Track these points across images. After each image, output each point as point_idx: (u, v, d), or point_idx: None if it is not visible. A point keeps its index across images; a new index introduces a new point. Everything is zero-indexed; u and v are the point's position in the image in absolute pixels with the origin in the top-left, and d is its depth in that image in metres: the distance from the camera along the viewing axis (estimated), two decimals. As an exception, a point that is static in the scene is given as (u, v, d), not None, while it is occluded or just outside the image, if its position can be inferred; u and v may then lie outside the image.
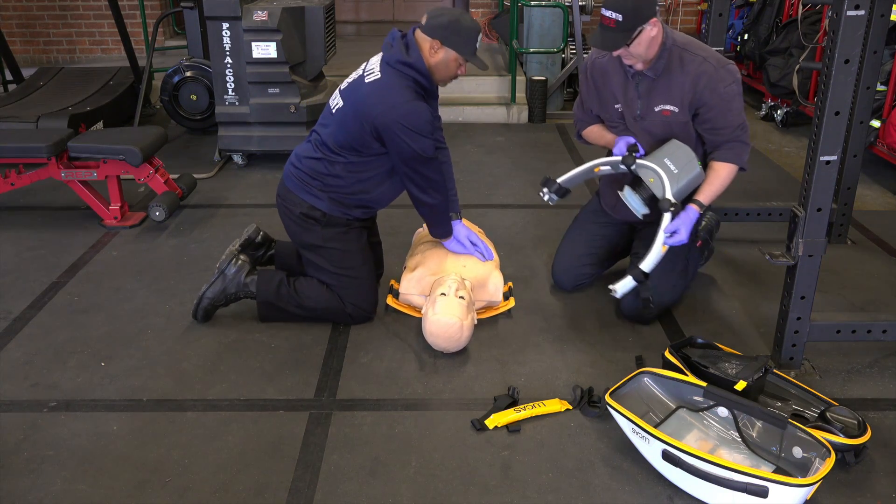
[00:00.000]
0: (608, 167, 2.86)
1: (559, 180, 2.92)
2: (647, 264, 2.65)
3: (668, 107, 2.79)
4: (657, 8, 2.65)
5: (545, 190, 2.95)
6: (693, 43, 2.79)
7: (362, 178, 2.78)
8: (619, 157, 2.78)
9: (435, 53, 2.65)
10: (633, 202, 2.79)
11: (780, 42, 5.52)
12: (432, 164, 2.72)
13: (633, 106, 2.84)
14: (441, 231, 2.95)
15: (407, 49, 2.64)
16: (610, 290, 2.70)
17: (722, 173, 2.78)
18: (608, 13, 2.60)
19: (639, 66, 2.73)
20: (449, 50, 2.65)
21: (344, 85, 2.79)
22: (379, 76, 2.64)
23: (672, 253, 2.75)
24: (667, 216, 2.65)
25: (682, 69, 2.74)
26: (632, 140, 2.81)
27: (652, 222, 2.76)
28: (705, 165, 2.83)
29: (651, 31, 2.65)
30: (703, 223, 2.96)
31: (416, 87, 2.66)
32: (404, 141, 2.62)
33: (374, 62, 2.71)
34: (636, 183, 2.78)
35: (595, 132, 3.06)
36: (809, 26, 5.26)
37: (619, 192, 2.87)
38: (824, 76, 2.27)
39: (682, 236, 2.66)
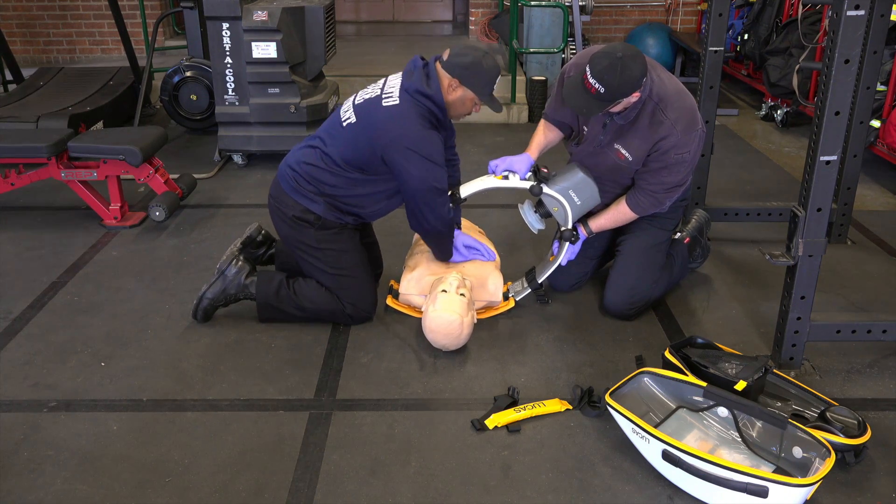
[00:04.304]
0: (509, 187, 2.90)
1: (461, 188, 2.96)
2: (541, 276, 3.00)
3: (625, 152, 2.79)
4: (644, 80, 2.58)
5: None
6: (670, 99, 2.69)
7: (361, 194, 2.78)
8: (527, 186, 2.85)
9: (453, 91, 2.66)
10: (531, 219, 2.95)
11: (780, 42, 5.52)
12: (444, 196, 2.71)
13: (597, 136, 2.85)
14: (443, 255, 2.95)
15: (427, 79, 2.64)
16: (511, 296, 3.01)
17: (621, 212, 2.91)
18: (592, 81, 2.53)
19: (614, 109, 2.70)
20: (466, 90, 2.66)
21: (359, 100, 2.76)
22: (397, 102, 2.63)
23: (649, 247, 2.96)
24: (566, 244, 2.91)
25: (649, 128, 2.71)
26: (532, 162, 2.89)
27: (639, 220, 2.96)
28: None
29: (632, 99, 2.63)
30: (693, 222, 3.24)
31: (431, 118, 2.66)
32: (416, 168, 2.60)
33: (394, 85, 2.69)
34: (538, 203, 2.94)
35: (544, 127, 3.04)
36: (809, 26, 5.26)
37: (519, 205, 3.00)
38: (824, 76, 2.27)
39: (575, 253, 2.96)
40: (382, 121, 2.63)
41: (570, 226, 2.88)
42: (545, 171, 2.87)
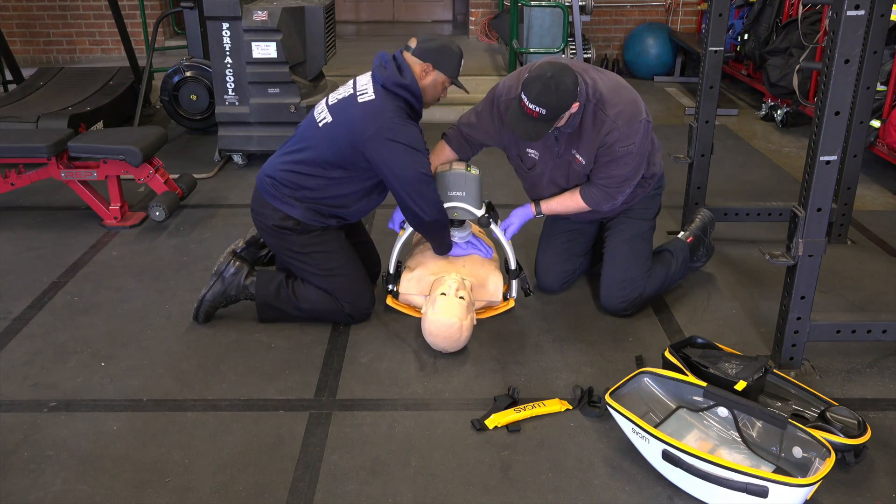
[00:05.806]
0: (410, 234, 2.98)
1: (389, 268, 3.00)
2: (512, 262, 2.99)
3: (580, 157, 2.81)
4: (579, 89, 2.61)
5: (389, 286, 3.03)
6: (608, 96, 2.70)
7: (343, 193, 2.77)
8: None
9: (426, 76, 2.71)
10: (460, 235, 2.97)
11: (780, 42, 5.52)
12: (433, 184, 2.73)
13: (552, 148, 2.86)
14: (442, 248, 2.95)
15: (400, 71, 2.67)
16: (511, 296, 3.02)
17: (573, 199, 2.91)
18: (532, 106, 2.55)
19: (559, 123, 2.71)
20: (439, 73, 2.72)
21: (332, 101, 2.78)
22: (373, 97, 2.66)
23: (632, 238, 2.99)
24: (493, 227, 2.94)
25: (593, 127, 2.73)
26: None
27: (619, 215, 3.04)
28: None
29: (572, 110, 2.65)
30: (697, 221, 3.26)
31: (408, 109, 2.70)
32: (401, 158, 2.62)
33: (366, 82, 2.72)
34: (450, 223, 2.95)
35: (446, 149, 3.01)
36: (809, 26, 5.26)
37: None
38: (824, 76, 2.27)
39: (515, 226, 2.98)
40: (360, 116, 2.65)
41: (478, 215, 2.90)
42: None
